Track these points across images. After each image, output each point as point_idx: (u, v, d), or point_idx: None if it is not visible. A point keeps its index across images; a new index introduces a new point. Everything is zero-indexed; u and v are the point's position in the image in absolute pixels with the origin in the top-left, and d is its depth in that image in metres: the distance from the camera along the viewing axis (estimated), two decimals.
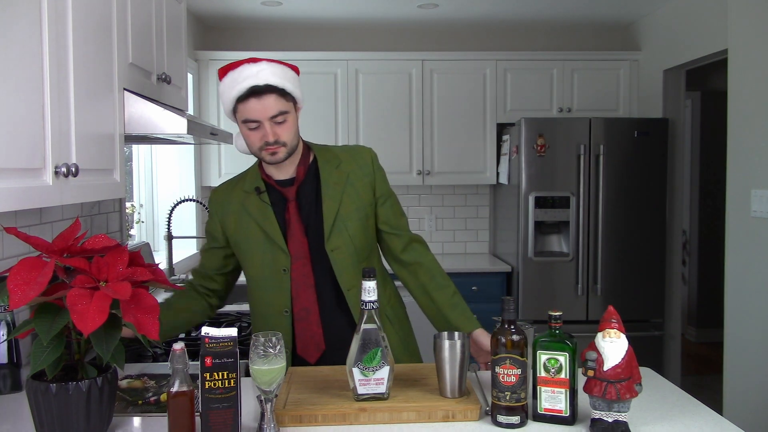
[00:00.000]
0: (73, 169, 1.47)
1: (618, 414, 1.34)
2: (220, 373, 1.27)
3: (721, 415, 1.47)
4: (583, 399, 1.41)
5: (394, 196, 1.91)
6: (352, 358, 1.47)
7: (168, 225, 3.39)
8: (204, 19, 4.32)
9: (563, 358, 1.37)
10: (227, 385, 1.28)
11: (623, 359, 1.33)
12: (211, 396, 1.27)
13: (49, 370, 1.25)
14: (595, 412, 1.36)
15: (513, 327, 1.39)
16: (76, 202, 1.56)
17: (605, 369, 1.33)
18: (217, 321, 2.47)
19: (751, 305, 2.98)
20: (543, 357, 1.39)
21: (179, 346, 1.29)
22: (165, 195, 3.89)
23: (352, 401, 1.46)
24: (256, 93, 1.67)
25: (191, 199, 3.48)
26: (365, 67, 4.23)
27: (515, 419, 1.38)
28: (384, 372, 1.47)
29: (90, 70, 1.63)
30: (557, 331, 1.39)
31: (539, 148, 3.80)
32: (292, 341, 1.80)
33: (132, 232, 3.66)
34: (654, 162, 3.85)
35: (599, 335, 1.35)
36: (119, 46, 1.82)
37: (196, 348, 2.00)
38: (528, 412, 1.41)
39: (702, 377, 4.60)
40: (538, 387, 1.40)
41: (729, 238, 3.16)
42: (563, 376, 1.38)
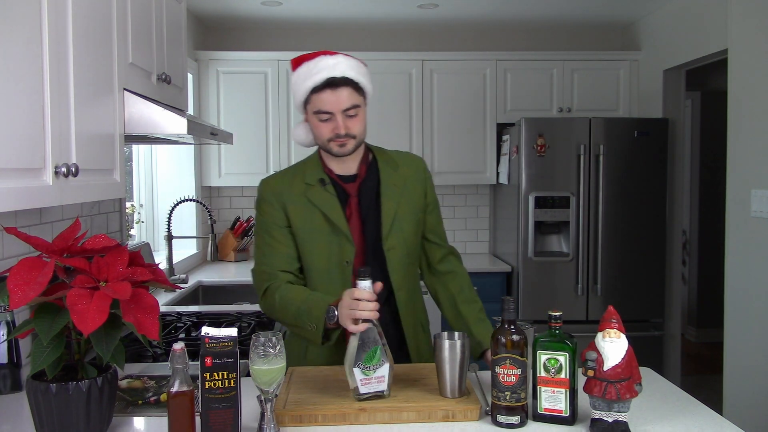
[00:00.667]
0: (73, 169, 1.47)
1: (618, 414, 1.34)
2: (220, 373, 1.27)
3: (721, 415, 1.47)
4: (583, 399, 1.41)
5: (438, 205, 1.96)
6: (351, 358, 1.47)
7: (168, 225, 3.39)
8: (204, 19, 4.32)
9: (563, 358, 1.37)
10: (227, 385, 1.28)
11: (623, 359, 1.33)
12: (211, 396, 1.27)
13: (49, 370, 1.25)
14: (595, 412, 1.36)
15: (513, 327, 1.39)
16: (76, 202, 1.56)
17: (605, 369, 1.33)
18: (217, 321, 2.47)
19: (751, 305, 2.98)
20: (543, 357, 1.39)
21: (179, 346, 1.29)
22: (165, 195, 3.89)
23: (352, 401, 1.46)
24: (331, 85, 1.69)
25: (191, 199, 3.48)
26: None
27: (515, 419, 1.38)
28: (384, 369, 1.47)
29: (90, 70, 1.63)
30: (557, 331, 1.39)
31: (539, 148, 3.80)
32: (343, 333, 1.77)
33: (132, 232, 3.66)
34: (654, 162, 3.85)
35: (599, 335, 1.36)
36: (119, 46, 1.82)
37: (196, 348, 2.00)
38: (528, 412, 1.41)
39: (702, 377, 4.60)
40: (538, 387, 1.40)
41: (729, 238, 3.16)
42: (563, 376, 1.38)
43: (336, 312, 1.57)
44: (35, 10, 1.38)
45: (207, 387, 1.27)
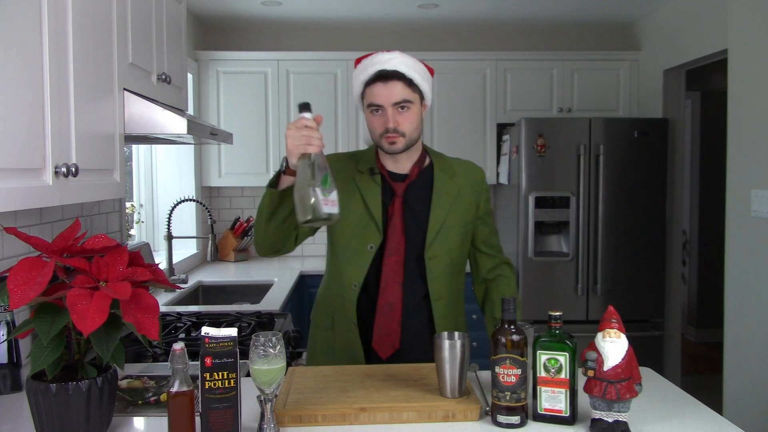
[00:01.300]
0: (73, 169, 1.47)
1: (618, 414, 1.34)
2: (220, 373, 1.27)
3: (721, 415, 1.46)
4: (583, 399, 1.41)
5: (493, 216, 1.96)
6: (307, 179, 1.46)
7: (168, 225, 3.39)
8: (204, 19, 4.32)
9: (563, 358, 1.37)
10: (227, 385, 1.28)
11: (623, 359, 1.33)
12: (211, 396, 1.27)
13: (49, 370, 1.25)
14: (595, 412, 1.36)
15: (513, 327, 1.39)
16: (76, 202, 1.56)
17: (605, 369, 1.33)
18: (217, 321, 2.47)
19: (751, 305, 2.98)
20: (543, 357, 1.39)
21: (179, 346, 1.29)
22: (165, 195, 3.89)
23: (352, 401, 1.45)
24: (383, 77, 1.72)
25: (191, 199, 3.49)
26: None
27: (515, 419, 1.38)
28: (335, 194, 1.49)
29: (90, 70, 1.63)
30: (557, 331, 1.39)
31: (539, 148, 3.80)
32: (369, 332, 1.80)
33: (132, 232, 3.66)
34: (654, 162, 3.85)
35: (599, 335, 1.35)
36: (119, 46, 1.82)
37: (196, 348, 2.00)
38: (528, 412, 1.41)
39: (702, 377, 4.59)
40: (538, 387, 1.40)
41: (729, 238, 3.16)
42: (563, 376, 1.38)
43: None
44: (35, 10, 1.38)
45: (207, 387, 1.27)
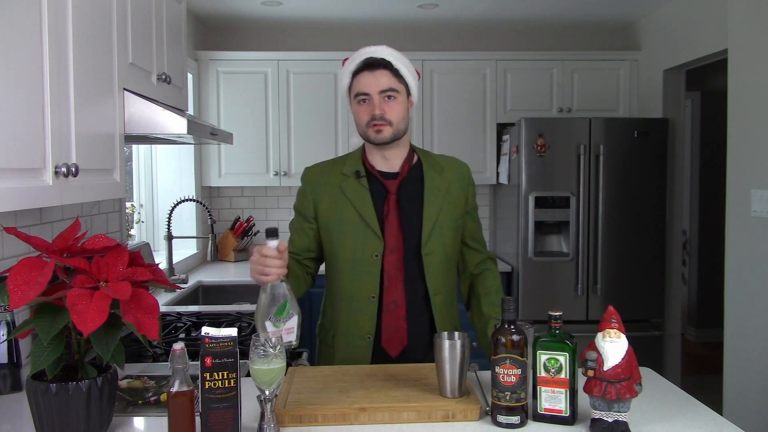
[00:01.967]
0: (73, 169, 1.47)
1: (618, 414, 1.34)
2: (220, 373, 1.27)
3: (721, 415, 1.47)
4: (583, 399, 1.41)
5: (478, 211, 1.97)
6: (262, 313, 1.48)
7: (168, 225, 3.39)
8: (204, 19, 4.32)
9: (563, 358, 1.37)
10: (227, 385, 1.28)
11: (623, 359, 1.33)
12: (211, 396, 1.27)
13: (49, 370, 1.25)
14: (595, 412, 1.36)
15: (513, 327, 1.39)
16: (76, 202, 1.56)
17: (605, 369, 1.33)
18: (217, 321, 2.47)
19: (751, 305, 2.98)
20: (543, 357, 1.39)
21: (179, 346, 1.29)
22: (165, 195, 3.89)
23: (352, 401, 1.45)
24: (370, 66, 1.76)
25: (191, 199, 3.49)
26: None
27: (515, 419, 1.38)
28: (293, 321, 1.49)
29: (90, 70, 1.63)
30: (557, 331, 1.39)
31: (539, 148, 3.80)
32: (376, 331, 1.81)
33: (132, 232, 3.66)
34: (654, 162, 3.85)
35: (599, 335, 1.35)
36: (119, 46, 1.82)
37: (196, 348, 2.00)
38: (528, 412, 1.41)
39: (702, 377, 4.60)
40: (538, 387, 1.40)
41: (729, 238, 3.16)
42: (563, 376, 1.38)
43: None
44: (35, 10, 1.38)
45: (207, 387, 1.27)
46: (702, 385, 4.14)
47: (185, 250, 4.01)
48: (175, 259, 3.51)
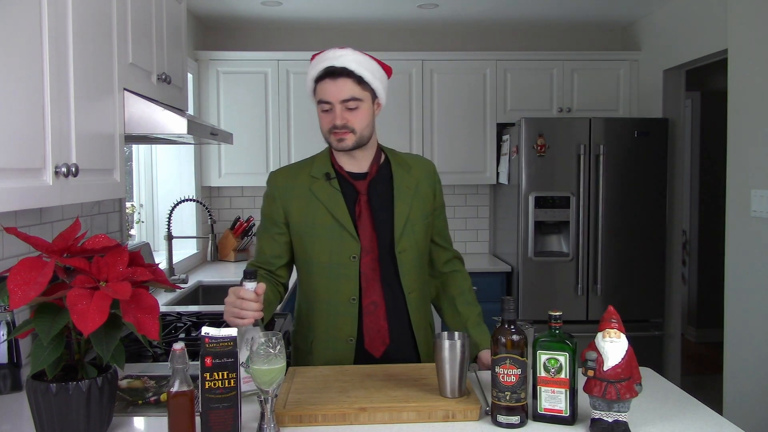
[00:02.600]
0: (73, 169, 1.47)
1: (618, 414, 1.34)
2: (220, 373, 1.27)
3: (721, 415, 1.47)
4: (583, 399, 1.41)
5: (445, 209, 1.97)
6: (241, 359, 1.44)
7: (168, 225, 3.39)
8: (204, 19, 4.32)
9: (563, 358, 1.37)
10: (227, 385, 1.28)
11: (623, 359, 1.33)
12: (211, 396, 1.27)
13: (49, 370, 1.25)
14: (595, 412, 1.36)
15: (513, 327, 1.39)
16: (76, 202, 1.56)
17: (605, 369, 1.33)
18: (217, 321, 2.47)
19: (751, 305, 2.98)
20: (543, 357, 1.39)
21: (179, 346, 1.29)
22: (165, 195, 3.89)
23: (352, 401, 1.45)
24: (331, 74, 1.71)
25: (191, 199, 3.49)
26: None
27: (515, 419, 1.38)
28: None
29: (90, 70, 1.63)
30: (557, 331, 1.39)
31: (539, 148, 3.80)
32: (358, 333, 1.80)
33: (132, 232, 3.66)
34: (654, 162, 3.85)
35: (599, 335, 1.35)
36: (119, 46, 1.82)
37: (196, 348, 2.00)
38: (528, 412, 1.41)
39: (702, 377, 4.60)
40: (538, 387, 1.40)
41: (729, 238, 3.16)
42: (563, 376, 1.38)
43: None
44: (35, 10, 1.38)
45: (207, 387, 1.27)
46: (702, 385, 4.14)
47: (185, 250, 4.01)
48: (175, 259, 3.51)
